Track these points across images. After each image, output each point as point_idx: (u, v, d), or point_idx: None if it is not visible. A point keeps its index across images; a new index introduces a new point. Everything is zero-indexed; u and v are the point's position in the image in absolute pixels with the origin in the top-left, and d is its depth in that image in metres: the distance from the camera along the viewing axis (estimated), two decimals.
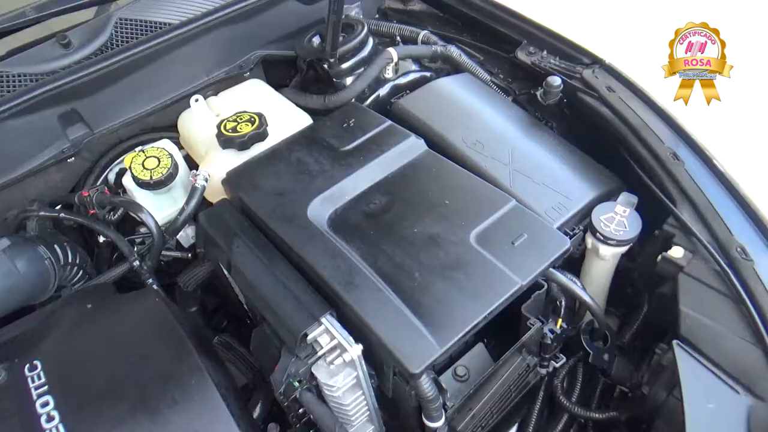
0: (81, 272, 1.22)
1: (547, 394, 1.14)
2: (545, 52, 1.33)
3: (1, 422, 0.88)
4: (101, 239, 1.26)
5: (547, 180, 1.10)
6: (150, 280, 1.17)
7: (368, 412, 0.96)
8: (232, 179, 1.11)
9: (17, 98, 1.18)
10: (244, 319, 1.27)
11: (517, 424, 1.15)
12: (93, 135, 1.27)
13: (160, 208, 1.21)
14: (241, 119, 1.20)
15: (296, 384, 0.89)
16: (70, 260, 1.19)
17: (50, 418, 0.85)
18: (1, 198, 1.22)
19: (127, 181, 1.20)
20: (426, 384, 0.85)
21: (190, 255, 1.32)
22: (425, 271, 0.91)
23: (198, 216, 1.09)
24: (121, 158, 1.34)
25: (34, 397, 0.89)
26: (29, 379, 0.91)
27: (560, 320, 1.03)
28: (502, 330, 1.00)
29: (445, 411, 0.90)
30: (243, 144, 1.17)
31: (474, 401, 0.95)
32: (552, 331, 1.01)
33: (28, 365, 0.93)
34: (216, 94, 1.40)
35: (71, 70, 1.23)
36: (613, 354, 1.03)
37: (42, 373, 0.92)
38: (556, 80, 1.24)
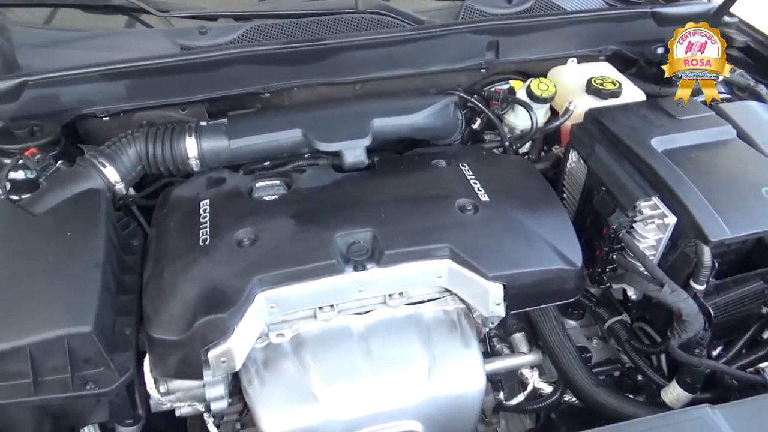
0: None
1: (755, 333, 1.56)
2: None
3: (448, 183, 1.53)
4: (474, 126, 1.92)
5: None
6: None
7: None
8: (598, 111, 1.69)
9: (476, 23, 1.89)
10: None
11: (722, 345, 1.60)
12: (497, 62, 1.94)
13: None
14: (606, 80, 1.79)
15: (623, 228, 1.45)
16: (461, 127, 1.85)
17: (480, 190, 1.48)
18: (431, 78, 1.93)
19: (521, 93, 1.83)
20: (708, 254, 1.35)
21: None
22: (727, 194, 1.41)
23: (573, 126, 1.69)
24: (501, 81, 1.99)
25: (468, 179, 1.53)
26: (463, 170, 1.57)
27: None
28: None
29: (706, 283, 1.40)
30: (604, 95, 1.75)
31: (720, 291, 1.43)
32: None
33: (460, 163, 1.59)
34: (578, 63, 2.01)
35: (502, 18, 1.93)
36: None
37: (469, 170, 1.56)
38: None
